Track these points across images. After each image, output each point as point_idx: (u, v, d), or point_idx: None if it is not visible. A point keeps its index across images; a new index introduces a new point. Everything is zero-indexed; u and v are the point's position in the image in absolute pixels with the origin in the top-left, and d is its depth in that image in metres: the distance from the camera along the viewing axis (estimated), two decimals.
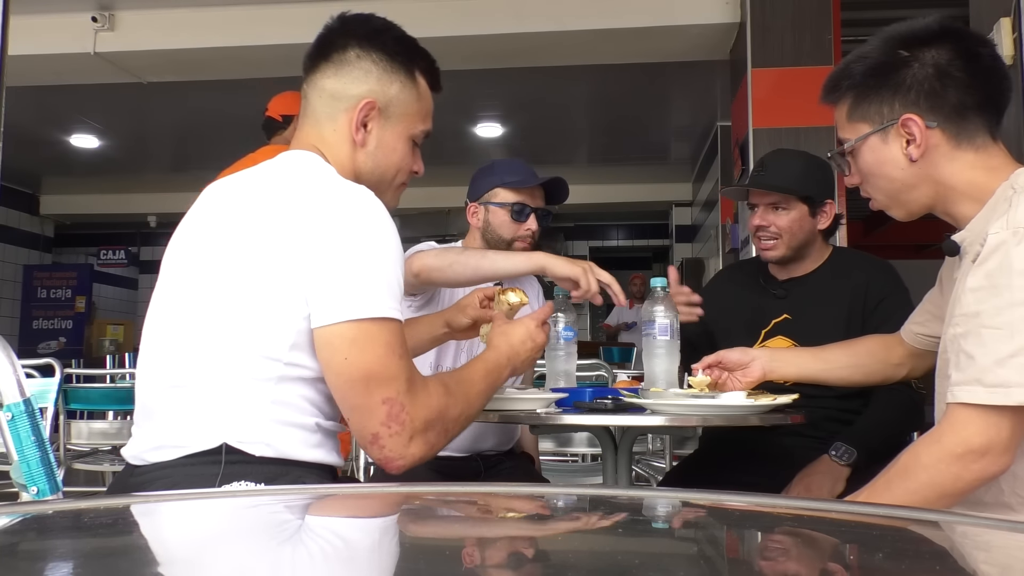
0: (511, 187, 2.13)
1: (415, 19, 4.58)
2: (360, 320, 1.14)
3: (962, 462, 1.12)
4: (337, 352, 1.15)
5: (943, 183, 1.26)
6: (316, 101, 1.33)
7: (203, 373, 1.19)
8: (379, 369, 1.15)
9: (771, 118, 4.14)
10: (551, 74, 5.70)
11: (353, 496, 0.88)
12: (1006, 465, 1.12)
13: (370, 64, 1.32)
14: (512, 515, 0.76)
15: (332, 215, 1.18)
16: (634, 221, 11.36)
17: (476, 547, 0.62)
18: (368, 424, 1.16)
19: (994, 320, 1.10)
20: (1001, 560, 0.59)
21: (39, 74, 5.37)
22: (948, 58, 1.23)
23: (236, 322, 1.18)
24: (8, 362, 1.24)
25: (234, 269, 1.20)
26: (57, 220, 10.76)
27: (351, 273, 1.15)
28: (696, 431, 3.02)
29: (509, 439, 2.22)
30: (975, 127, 1.23)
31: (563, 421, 1.63)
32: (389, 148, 1.35)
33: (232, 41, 4.89)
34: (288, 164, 1.30)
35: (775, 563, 0.58)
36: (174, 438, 1.19)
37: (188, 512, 0.74)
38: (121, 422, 3.94)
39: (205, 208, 1.32)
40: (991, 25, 2.29)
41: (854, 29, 4.63)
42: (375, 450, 1.17)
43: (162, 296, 1.28)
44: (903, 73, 1.25)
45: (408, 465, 1.18)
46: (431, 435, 1.19)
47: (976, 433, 1.11)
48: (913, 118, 1.23)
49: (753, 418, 1.57)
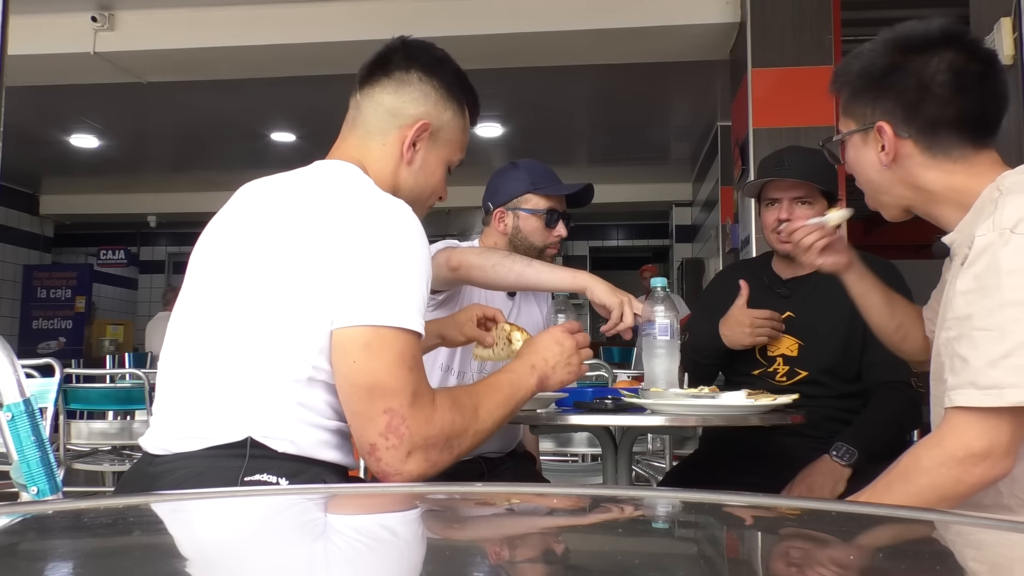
0: (542, 193, 2.08)
1: (415, 19, 4.62)
2: (378, 326, 1.15)
3: (963, 466, 1.11)
4: (348, 355, 1.15)
5: (921, 188, 1.26)
6: (371, 114, 1.37)
7: (233, 368, 1.20)
8: (386, 378, 1.14)
9: (771, 118, 4.14)
10: (551, 74, 5.70)
11: (361, 496, 0.88)
12: (1007, 469, 1.11)
13: (430, 88, 1.37)
14: (512, 515, 0.76)
15: (369, 223, 1.20)
16: (634, 221, 11.36)
17: (477, 547, 0.62)
18: (367, 433, 1.15)
19: (985, 322, 1.10)
20: (993, 558, 0.59)
21: (39, 74, 5.37)
22: (934, 71, 1.22)
23: (268, 321, 1.19)
24: (8, 362, 1.24)
25: (269, 269, 1.22)
26: (57, 220, 10.76)
27: (378, 280, 1.16)
28: (696, 431, 3.02)
29: (512, 440, 2.22)
30: (950, 142, 1.23)
31: (563, 421, 1.63)
32: (431, 170, 1.40)
33: (232, 41, 4.89)
34: (328, 172, 1.33)
35: (775, 563, 0.58)
36: (200, 429, 1.20)
37: (188, 512, 0.74)
38: (121, 422, 3.94)
39: (241, 207, 1.33)
40: (991, 25, 2.29)
41: (854, 29, 4.63)
42: (372, 461, 1.16)
43: (193, 291, 1.30)
44: (889, 79, 1.25)
45: (405, 481, 1.16)
46: (432, 453, 1.17)
47: (976, 437, 1.10)
48: (884, 127, 1.25)
49: (753, 418, 1.57)
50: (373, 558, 0.60)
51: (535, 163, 2.16)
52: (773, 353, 2.08)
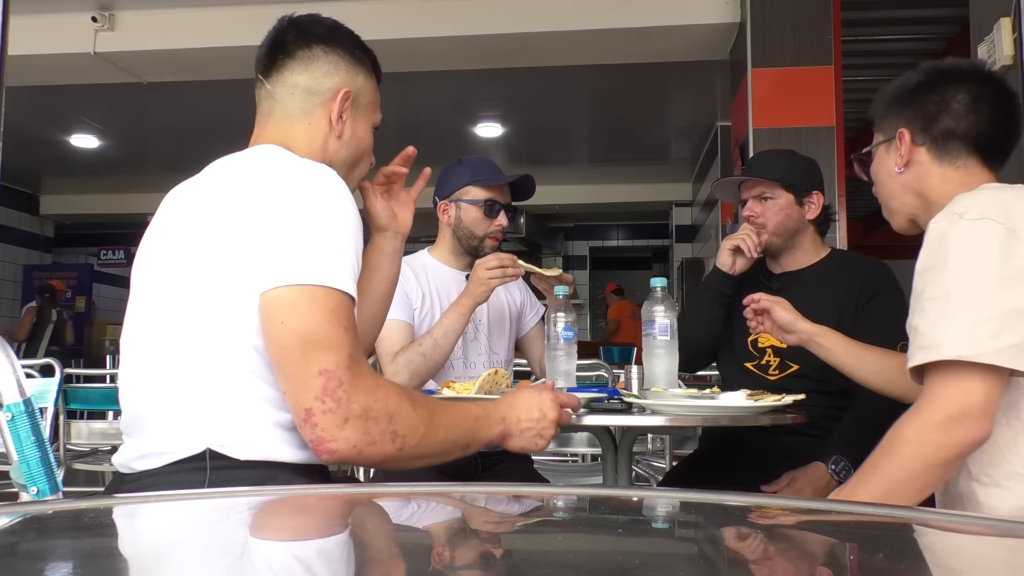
0: (482, 184, 2.18)
1: (415, 19, 4.63)
2: (305, 285, 1.08)
3: (942, 429, 1.15)
4: (275, 316, 1.08)
5: (923, 195, 1.39)
6: (288, 98, 1.33)
7: (180, 376, 1.16)
8: (317, 334, 1.06)
9: (771, 118, 4.14)
10: (551, 74, 5.70)
11: (347, 496, 0.88)
12: (986, 431, 1.15)
13: (336, 57, 1.34)
14: (512, 515, 0.76)
15: (291, 188, 1.15)
16: (634, 221, 11.37)
17: (476, 547, 0.62)
18: (302, 398, 1.06)
19: (933, 292, 1.19)
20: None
21: (39, 74, 5.37)
22: (955, 90, 1.37)
23: (201, 315, 1.14)
24: (8, 362, 1.24)
25: (194, 261, 1.16)
26: (57, 220, 10.77)
27: (303, 240, 1.10)
28: (696, 431, 3.02)
29: None
30: (958, 150, 1.36)
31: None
32: (360, 136, 1.38)
33: (232, 41, 4.89)
34: (246, 155, 1.29)
35: (775, 563, 0.58)
36: (159, 445, 1.16)
37: (188, 512, 0.74)
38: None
39: (164, 213, 1.29)
40: (991, 25, 2.29)
41: (854, 29, 4.64)
42: (307, 429, 1.07)
43: (133, 307, 1.26)
44: (916, 93, 1.40)
45: (341, 452, 1.07)
46: (372, 427, 1.07)
47: (951, 400, 1.15)
48: (904, 132, 1.39)
49: (753, 418, 1.57)
50: (372, 558, 0.60)
51: (480, 159, 2.27)
52: (763, 345, 2.09)
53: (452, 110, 7.00)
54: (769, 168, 2.11)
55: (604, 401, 1.70)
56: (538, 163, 8.71)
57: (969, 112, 1.36)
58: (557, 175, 9.06)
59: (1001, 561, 0.59)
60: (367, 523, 0.74)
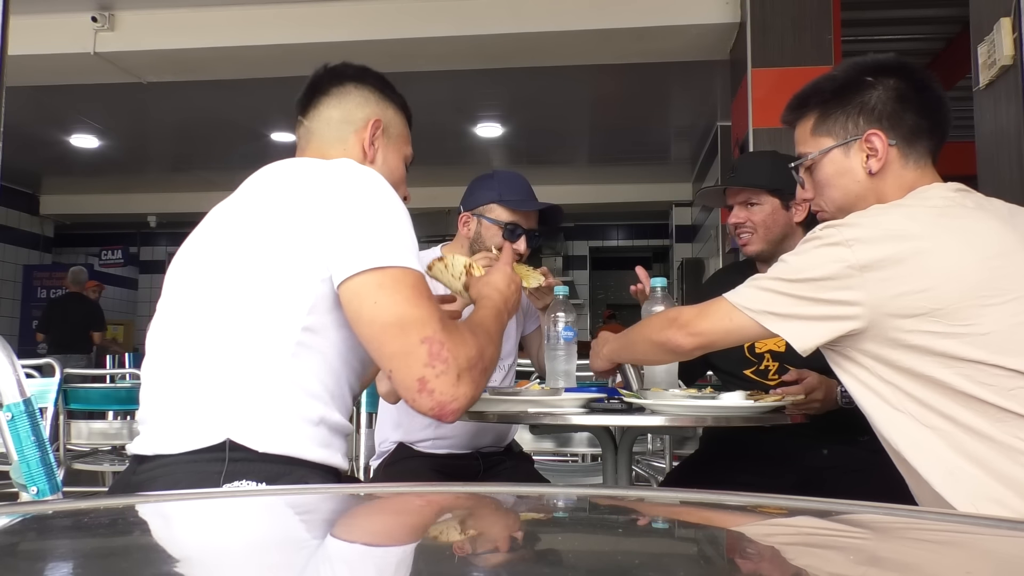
0: (509, 206, 2.07)
1: (415, 19, 4.63)
2: (384, 267, 1.15)
3: (664, 322, 1.48)
4: (366, 299, 1.15)
5: (883, 198, 1.36)
6: (324, 129, 1.44)
7: (211, 365, 1.19)
8: (411, 310, 1.14)
9: (771, 118, 4.14)
10: (551, 74, 5.70)
11: (359, 496, 0.88)
12: (690, 344, 1.42)
13: (368, 92, 1.47)
14: (512, 515, 0.76)
15: (348, 187, 1.23)
16: (634, 221, 11.37)
17: (477, 547, 0.62)
18: (412, 369, 1.12)
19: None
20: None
21: (39, 74, 5.37)
22: (905, 86, 1.37)
23: (248, 306, 1.19)
24: (8, 362, 1.24)
25: (241, 256, 1.22)
26: (57, 220, 10.77)
27: (372, 229, 1.18)
28: (696, 431, 3.02)
29: (505, 436, 2.23)
30: (922, 150, 1.37)
31: (563, 421, 1.63)
32: (392, 166, 1.47)
33: (232, 41, 4.90)
34: (293, 162, 1.36)
35: (775, 563, 0.58)
36: (180, 430, 1.18)
37: (189, 512, 0.74)
38: (121, 422, 3.94)
39: (213, 217, 1.35)
40: (991, 25, 2.29)
41: (854, 29, 4.64)
42: (424, 397, 1.13)
43: (168, 301, 1.30)
44: (868, 94, 1.37)
45: (461, 408, 1.15)
46: (476, 374, 1.17)
47: (698, 312, 1.43)
48: (878, 134, 1.36)
49: (753, 418, 1.57)
50: (373, 558, 0.60)
51: (513, 175, 2.15)
52: (761, 350, 2.08)
53: (452, 110, 7.00)
54: (754, 174, 2.09)
55: (604, 401, 1.70)
56: (538, 163, 8.71)
57: (923, 106, 1.36)
58: (557, 175, 9.06)
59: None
60: (367, 523, 0.74)
